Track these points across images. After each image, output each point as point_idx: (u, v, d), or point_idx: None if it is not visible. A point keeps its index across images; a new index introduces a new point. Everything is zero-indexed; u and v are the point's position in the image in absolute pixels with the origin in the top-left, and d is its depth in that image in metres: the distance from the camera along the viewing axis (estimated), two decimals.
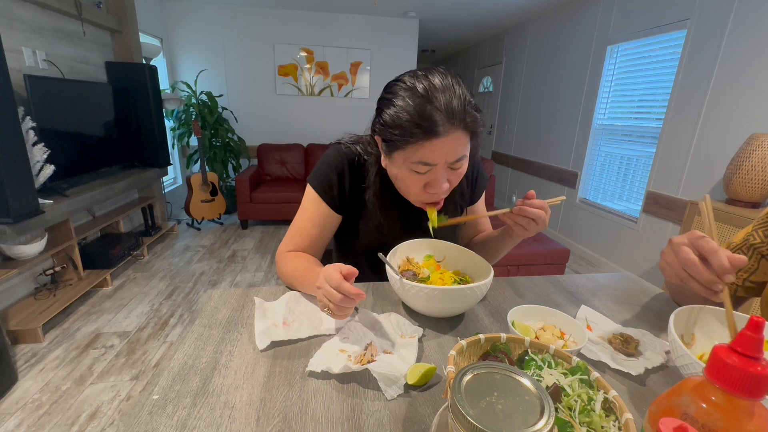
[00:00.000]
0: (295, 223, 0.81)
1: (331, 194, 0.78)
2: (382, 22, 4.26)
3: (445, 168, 0.65)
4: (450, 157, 0.63)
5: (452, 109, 0.60)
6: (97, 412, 1.43)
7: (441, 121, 0.59)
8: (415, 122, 0.60)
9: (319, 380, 0.51)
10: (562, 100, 3.52)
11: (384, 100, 0.66)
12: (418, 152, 0.62)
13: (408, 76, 0.64)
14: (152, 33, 3.63)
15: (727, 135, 2.08)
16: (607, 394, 0.40)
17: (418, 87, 0.61)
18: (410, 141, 0.61)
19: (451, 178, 0.67)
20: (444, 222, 0.75)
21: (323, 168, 0.78)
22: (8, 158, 1.52)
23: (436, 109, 0.59)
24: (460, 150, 0.63)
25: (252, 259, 2.94)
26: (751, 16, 1.96)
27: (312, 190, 0.79)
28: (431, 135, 0.60)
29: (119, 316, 2.07)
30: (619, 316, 0.72)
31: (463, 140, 0.63)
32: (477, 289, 0.61)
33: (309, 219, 0.79)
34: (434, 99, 0.60)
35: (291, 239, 0.80)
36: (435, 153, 0.62)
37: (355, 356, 0.55)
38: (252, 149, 4.31)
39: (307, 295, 0.73)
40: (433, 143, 0.61)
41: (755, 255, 0.67)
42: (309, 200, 0.79)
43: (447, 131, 0.60)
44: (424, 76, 0.62)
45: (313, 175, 0.79)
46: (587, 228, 3.26)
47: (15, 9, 2.00)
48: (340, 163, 0.78)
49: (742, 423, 0.26)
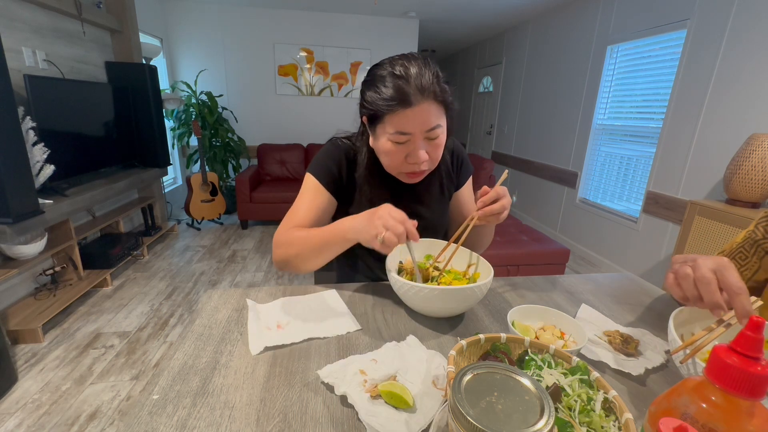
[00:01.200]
0: (293, 209, 0.82)
1: (329, 179, 0.82)
2: (382, 22, 4.26)
3: (422, 138, 0.71)
4: (424, 125, 0.69)
5: (422, 82, 0.67)
6: (97, 412, 1.43)
7: (413, 92, 0.67)
8: (391, 95, 0.67)
9: (319, 380, 0.51)
10: (562, 100, 3.52)
11: (366, 82, 0.75)
12: (395, 122, 0.69)
13: (386, 60, 0.73)
14: (152, 33, 3.63)
15: (727, 135, 2.08)
16: (607, 394, 0.40)
17: (395, 68, 0.69)
18: (387, 112, 0.69)
19: (429, 149, 0.73)
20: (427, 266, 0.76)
21: (322, 158, 0.84)
22: (8, 158, 1.52)
23: (408, 83, 0.67)
24: (433, 119, 0.69)
25: (252, 259, 2.94)
26: (751, 16, 1.96)
27: (312, 178, 0.83)
28: (404, 104, 0.67)
29: (119, 316, 2.07)
30: (619, 316, 0.72)
31: (435, 110, 0.69)
32: (477, 289, 0.61)
33: (308, 205, 0.81)
34: (407, 75, 0.68)
35: (289, 222, 0.80)
36: (409, 122, 0.68)
37: (370, 383, 0.49)
38: (252, 149, 4.31)
39: (302, 298, 0.72)
40: (406, 113, 0.67)
41: (758, 252, 0.67)
42: (308, 188, 0.83)
43: (419, 101, 0.67)
44: (398, 59, 0.71)
45: (312, 165, 0.84)
46: (587, 228, 3.26)
47: (15, 9, 2.00)
48: (337, 153, 0.85)
49: (742, 423, 0.26)
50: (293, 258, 0.74)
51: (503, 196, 0.72)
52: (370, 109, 0.72)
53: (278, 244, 0.77)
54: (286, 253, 0.75)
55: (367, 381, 0.49)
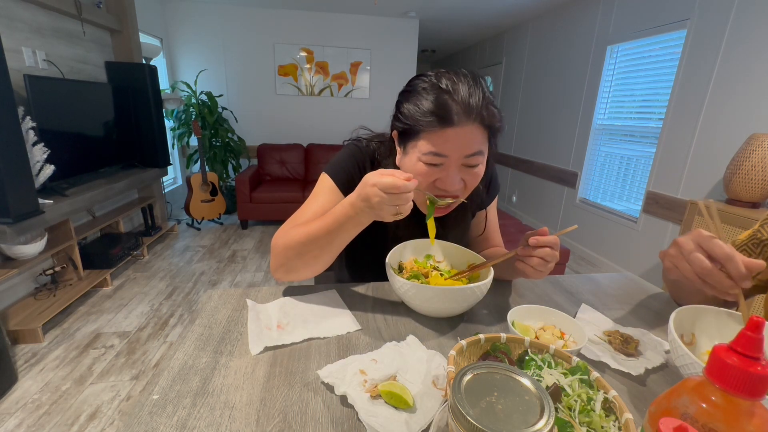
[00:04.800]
0: (301, 210, 0.74)
1: (348, 184, 0.74)
2: (382, 22, 4.26)
3: (458, 164, 0.63)
4: (464, 150, 0.61)
5: (470, 102, 0.59)
6: (97, 412, 1.43)
7: (456, 111, 0.59)
8: (431, 110, 0.60)
9: (319, 380, 0.51)
10: (562, 100, 3.52)
11: (404, 92, 0.67)
12: (431, 141, 0.61)
13: (431, 72, 0.65)
14: (152, 33, 3.63)
15: (727, 135, 2.08)
16: (607, 394, 0.40)
17: (441, 81, 0.61)
18: (424, 129, 0.61)
19: (466, 177, 0.65)
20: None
21: (344, 160, 0.76)
22: (8, 158, 1.52)
23: (454, 100, 0.59)
24: (475, 144, 0.61)
25: (252, 259, 2.94)
26: (751, 16, 1.96)
27: (329, 179, 0.75)
28: (445, 123, 0.59)
29: (119, 316, 2.07)
30: (619, 316, 0.72)
31: (480, 135, 0.62)
32: (477, 289, 0.61)
33: (318, 209, 0.72)
34: (453, 91, 0.60)
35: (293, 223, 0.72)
36: (448, 143, 0.60)
37: (371, 383, 0.48)
38: (252, 149, 4.31)
39: (302, 298, 0.72)
40: (446, 132, 0.60)
41: (764, 251, 0.66)
42: (323, 189, 0.75)
43: (462, 122, 0.59)
44: (446, 73, 0.63)
45: (332, 166, 0.76)
46: (587, 228, 3.26)
47: (15, 9, 2.00)
48: (362, 158, 0.77)
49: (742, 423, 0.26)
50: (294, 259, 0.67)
51: (556, 248, 0.62)
52: (406, 123, 0.63)
53: (275, 249, 0.68)
54: (285, 257, 0.67)
55: (367, 381, 0.49)
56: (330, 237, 0.63)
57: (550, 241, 0.62)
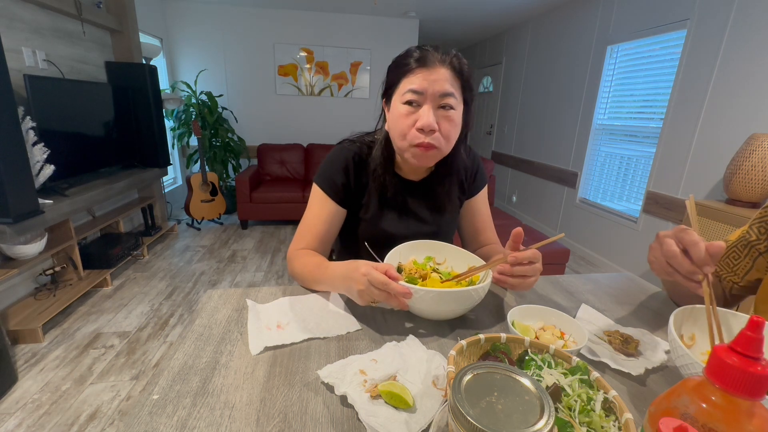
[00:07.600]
0: (303, 222, 0.83)
1: (335, 189, 0.82)
2: (382, 22, 4.26)
3: (434, 104, 0.70)
4: (437, 87, 0.69)
5: (441, 51, 0.71)
6: (97, 412, 1.43)
7: (430, 57, 0.70)
8: (408, 58, 0.72)
9: (319, 380, 0.51)
10: (562, 100, 3.52)
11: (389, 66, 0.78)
12: (409, 81, 0.70)
13: None
14: (152, 33, 3.63)
15: (727, 135, 2.08)
16: (607, 394, 0.40)
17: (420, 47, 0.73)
18: (403, 75, 0.71)
19: (441, 123, 0.71)
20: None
21: (327, 166, 0.84)
22: (8, 158, 1.52)
23: (427, 50, 0.71)
24: (447, 86, 0.69)
25: (252, 259, 2.94)
26: (751, 16, 1.96)
27: (318, 188, 0.83)
28: (420, 64, 0.70)
29: (119, 316, 2.07)
30: (619, 316, 0.72)
31: (452, 79, 0.70)
32: (475, 292, 0.61)
33: (316, 216, 0.82)
34: (430, 48, 0.72)
35: (301, 237, 0.82)
36: (423, 81, 0.69)
37: (371, 383, 0.48)
38: (252, 149, 4.31)
39: (302, 298, 0.72)
40: (421, 71, 0.69)
41: (751, 253, 0.67)
42: (315, 199, 0.83)
43: (434, 64, 0.69)
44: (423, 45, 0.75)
45: (318, 174, 0.84)
46: (587, 228, 3.26)
47: (15, 9, 2.00)
48: (343, 159, 0.83)
49: (742, 423, 0.26)
50: (299, 280, 0.79)
51: (537, 261, 0.64)
52: (389, 82, 0.75)
53: (289, 262, 0.81)
54: (294, 274, 0.80)
55: (367, 381, 0.49)
56: (323, 287, 0.74)
57: (527, 256, 0.64)
